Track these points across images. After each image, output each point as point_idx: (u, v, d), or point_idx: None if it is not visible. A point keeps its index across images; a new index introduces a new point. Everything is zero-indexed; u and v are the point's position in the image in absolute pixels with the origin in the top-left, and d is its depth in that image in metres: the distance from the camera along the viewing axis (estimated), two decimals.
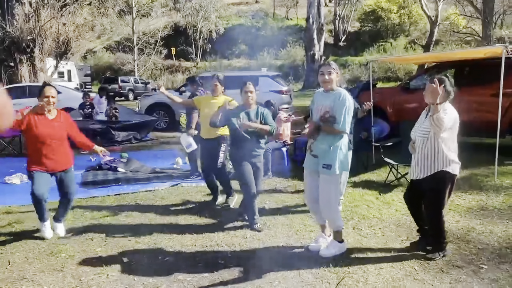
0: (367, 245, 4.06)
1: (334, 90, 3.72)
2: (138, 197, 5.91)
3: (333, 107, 3.63)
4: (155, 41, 36.68)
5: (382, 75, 29.71)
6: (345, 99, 3.61)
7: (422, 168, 3.70)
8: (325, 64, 3.80)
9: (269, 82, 12.34)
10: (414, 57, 16.14)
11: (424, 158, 3.69)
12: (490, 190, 5.85)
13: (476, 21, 27.24)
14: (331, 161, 3.67)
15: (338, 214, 3.85)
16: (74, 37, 19.66)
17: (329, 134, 3.68)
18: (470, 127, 8.15)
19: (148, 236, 4.40)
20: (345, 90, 3.75)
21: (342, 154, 3.71)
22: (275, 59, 37.16)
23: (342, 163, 3.70)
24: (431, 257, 3.71)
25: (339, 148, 3.69)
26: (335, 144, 3.68)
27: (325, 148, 3.70)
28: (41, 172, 4.22)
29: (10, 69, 16.21)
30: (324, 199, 3.74)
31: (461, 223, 4.61)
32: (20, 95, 13.05)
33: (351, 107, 3.66)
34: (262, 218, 4.75)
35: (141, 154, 8.95)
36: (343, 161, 3.72)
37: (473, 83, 8.25)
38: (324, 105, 3.71)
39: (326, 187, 3.72)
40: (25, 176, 6.86)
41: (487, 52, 7.22)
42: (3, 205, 5.56)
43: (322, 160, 3.71)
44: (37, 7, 16.91)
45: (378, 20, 39.56)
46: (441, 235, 3.76)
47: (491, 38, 22.25)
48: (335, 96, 3.65)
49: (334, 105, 3.63)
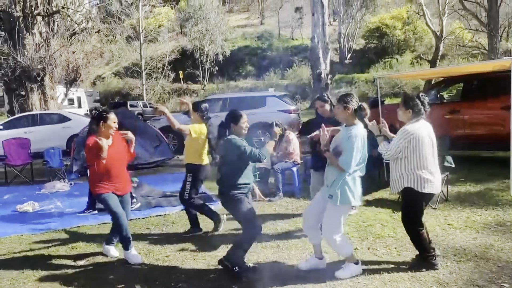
0: (384, 265, 3.97)
1: (348, 125, 3.72)
2: (149, 222, 5.89)
3: (342, 144, 3.66)
4: (163, 65, 37.14)
5: (389, 91, 29.67)
6: (353, 141, 3.55)
7: (393, 184, 3.87)
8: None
9: (277, 102, 12.39)
10: (422, 72, 16.12)
11: (393, 175, 3.85)
12: (506, 205, 5.73)
13: (482, 34, 27.26)
14: (334, 192, 3.66)
15: (340, 243, 3.73)
16: (83, 64, 20.04)
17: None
18: (481, 140, 8.17)
19: (161, 261, 4.36)
20: (360, 127, 3.68)
21: (348, 187, 3.65)
22: (281, 79, 37.38)
23: (343, 195, 3.64)
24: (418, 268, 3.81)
25: (346, 180, 3.64)
26: (342, 176, 3.65)
27: (332, 178, 3.71)
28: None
29: (21, 97, 16.47)
30: (325, 228, 3.75)
31: (479, 240, 4.51)
32: (31, 124, 13.24)
33: (359, 147, 3.59)
34: (275, 241, 4.68)
35: (151, 178, 8.96)
36: (346, 193, 3.64)
37: (482, 96, 8.20)
38: (336, 139, 3.79)
39: (328, 216, 3.72)
40: (37, 204, 6.90)
41: (495, 65, 7.20)
42: (15, 234, 5.56)
43: (329, 189, 3.73)
44: (47, 37, 17.26)
45: (383, 36, 39.76)
46: (425, 250, 3.84)
47: (497, 50, 22.21)
48: (346, 135, 3.65)
49: (342, 143, 3.66)
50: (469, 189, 6.63)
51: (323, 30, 26.40)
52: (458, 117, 8.30)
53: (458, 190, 6.59)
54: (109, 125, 4.28)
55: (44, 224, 5.95)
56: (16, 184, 9.10)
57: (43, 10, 17.29)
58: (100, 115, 4.30)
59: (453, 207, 5.74)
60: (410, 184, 3.71)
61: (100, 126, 4.27)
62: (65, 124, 13.17)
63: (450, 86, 11.30)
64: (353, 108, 3.68)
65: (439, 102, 9.66)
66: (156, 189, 7.58)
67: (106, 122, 4.27)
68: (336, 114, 3.83)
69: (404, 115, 3.80)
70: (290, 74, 37.93)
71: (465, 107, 8.34)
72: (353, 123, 3.71)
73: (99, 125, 4.27)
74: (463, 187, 6.74)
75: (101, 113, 4.33)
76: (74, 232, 5.56)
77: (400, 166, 3.76)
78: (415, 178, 3.70)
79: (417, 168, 3.69)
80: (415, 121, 3.75)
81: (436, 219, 5.28)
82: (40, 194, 7.95)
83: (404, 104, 3.78)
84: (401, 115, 3.81)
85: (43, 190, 8.15)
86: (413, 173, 3.70)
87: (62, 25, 18.79)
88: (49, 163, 9.20)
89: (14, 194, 8.01)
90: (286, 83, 35.50)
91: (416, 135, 3.67)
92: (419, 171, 3.69)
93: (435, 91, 10.02)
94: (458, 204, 5.86)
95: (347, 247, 3.80)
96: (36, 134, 12.39)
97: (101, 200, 4.32)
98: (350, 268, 3.79)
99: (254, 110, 11.52)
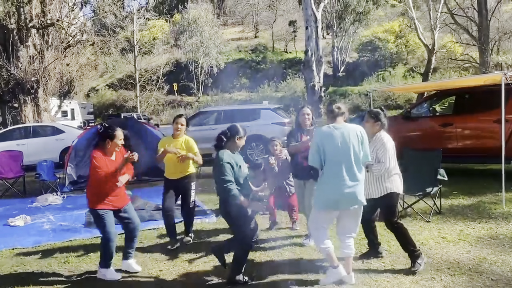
0: (377, 278, 3.97)
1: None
2: (142, 236, 5.83)
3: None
4: (157, 78, 37.23)
5: (382, 104, 29.93)
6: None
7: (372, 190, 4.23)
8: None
9: (271, 115, 12.43)
10: (415, 86, 16.29)
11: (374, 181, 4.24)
12: (499, 218, 5.76)
13: (473, 48, 27.62)
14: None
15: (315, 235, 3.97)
16: (77, 76, 20.05)
17: None
18: (473, 153, 8.23)
19: (154, 275, 4.32)
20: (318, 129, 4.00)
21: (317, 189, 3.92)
22: (275, 92, 37.56)
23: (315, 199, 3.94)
24: (415, 270, 4.03)
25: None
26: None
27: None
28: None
29: (14, 110, 16.43)
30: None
31: (472, 253, 4.52)
32: (23, 136, 13.16)
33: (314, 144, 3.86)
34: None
35: (144, 191, 8.91)
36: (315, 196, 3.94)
37: (474, 110, 8.28)
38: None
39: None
40: (28, 218, 6.83)
41: (487, 79, 7.29)
42: (6, 248, 5.49)
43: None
44: (41, 49, 17.28)
45: (376, 50, 40.20)
46: (413, 245, 4.18)
47: (488, 64, 22.50)
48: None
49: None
50: (462, 202, 6.66)
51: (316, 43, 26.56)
52: (450, 130, 8.37)
53: (451, 203, 6.61)
54: (115, 143, 4.21)
55: (36, 238, 5.88)
56: (8, 197, 9.00)
57: (37, 23, 17.35)
58: (107, 133, 4.19)
59: (446, 220, 5.76)
60: (393, 188, 4.17)
61: (106, 143, 4.19)
62: (58, 136, 13.10)
63: (442, 99, 11.42)
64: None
65: (431, 115, 9.76)
66: (149, 202, 7.53)
67: (113, 140, 4.20)
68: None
69: (372, 128, 4.22)
70: (284, 86, 38.15)
71: (457, 120, 8.41)
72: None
73: (106, 142, 4.19)
74: (456, 200, 6.77)
75: (107, 131, 4.21)
76: (67, 247, 5.50)
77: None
78: (395, 181, 4.19)
79: (394, 171, 4.17)
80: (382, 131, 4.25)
81: (430, 232, 5.29)
82: (32, 207, 7.87)
83: (373, 118, 4.22)
84: (369, 128, 4.20)
85: (35, 203, 8.07)
86: (393, 177, 4.18)
87: (56, 37, 18.86)
88: (42, 176, 9.12)
89: (6, 207, 7.91)
90: (280, 96, 35.67)
91: (392, 142, 4.19)
92: (396, 175, 4.20)
93: (427, 104, 10.12)
94: (451, 217, 5.88)
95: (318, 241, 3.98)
96: (29, 147, 12.31)
97: (96, 215, 4.23)
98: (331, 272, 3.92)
99: (248, 122, 11.55)
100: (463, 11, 25.70)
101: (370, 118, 4.21)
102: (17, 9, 16.75)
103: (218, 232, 5.72)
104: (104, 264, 4.31)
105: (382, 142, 4.11)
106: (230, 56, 45.95)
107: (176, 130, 5.25)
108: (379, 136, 4.17)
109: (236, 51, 48.37)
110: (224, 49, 44.05)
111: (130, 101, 37.93)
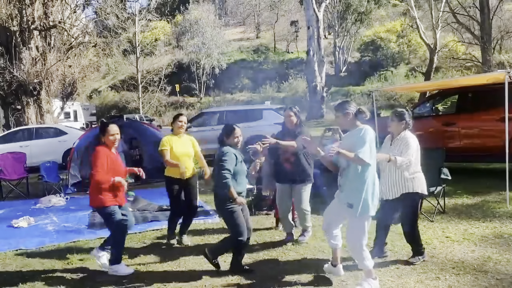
0: (382, 278, 3.95)
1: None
2: (145, 236, 5.84)
3: (354, 142, 3.75)
4: (159, 79, 37.26)
5: (384, 103, 29.86)
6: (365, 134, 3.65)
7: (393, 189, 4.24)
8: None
9: (273, 115, 12.41)
10: (417, 85, 16.26)
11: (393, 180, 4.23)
12: (503, 216, 5.74)
13: (475, 47, 27.56)
14: (354, 201, 3.61)
15: (363, 255, 3.66)
16: (80, 78, 20.07)
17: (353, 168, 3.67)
18: (476, 152, 8.20)
19: (157, 275, 4.33)
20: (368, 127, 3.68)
21: (367, 196, 3.59)
22: (277, 92, 37.56)
23: (363, 207, 3.58)
24: (413, 262, 4.23)
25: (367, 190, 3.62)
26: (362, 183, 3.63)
27: (350, 186, 3.70)
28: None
29: (17, 111, 16.47)
30: (348, 237, 3.74)
31: (477, 253, 4.50)
32: (26, 138, 13.19)
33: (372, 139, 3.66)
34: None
35: (147, 192, 8.90)
36: (367, 203, 3.59)
37: (477, 108, 8.25)
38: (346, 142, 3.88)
39: (351, 225, 3.71)
40: (32, 219, 6.83)
41: (490, 78, 7.27)
42: (10, 249, 5.50)
43: (347, 197, 3.70)
44: (44, 51, 17.33)
45: (378, 49, 40.12)
46: (419, 244, 4.34)
47: (491, 63, 22.45)
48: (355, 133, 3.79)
49: (354, 141, 3.73)
50: (466, 201, 6.64)
51: (318, 43, 26.63)
52: (453, 129, 8.34)
53: (455, 202, 6.59)
54: (108, 138, 4.35)
55: (39, 239, 5.88)
56: (11, 198, 9.03)
57: (40, 25, 17.38)
58: (101, 128, 4.45)
59: (450, 220, 5.74)
60: (416, 187, 4.18)
61: (100, 138, 4.37)
62: (61, 138, 13.12)
63: (445, 98, 11.38)
64: (352, 112, 3.68)
65: (434, 114, 9.73)
66: (152, 203, 7.53)
67: (105, 135, 4.35)
68: (339, 124, 3.83)
69: (397, 127, 4.23)
70: (286, 87, 38.14)
71: (460, 119, 8.39)
72: (359, 126, 3.69)
73: (100, 137, 4.38)
74: (460, 199, 6.75)
75: (102, 126, 4.49)
76: (70, 248, 5.50)
77: (401, 171, 4.15)
78: (418, 179, 4.20)
79: (418, 170, 4.19)
80: (407, 131, 4.25)
81: (434, 231, 5.28)
82: (36, 208, 7.88)
83: (398, 118, 4.23)
84: (394, 127, 4.25)
85: (39, 204, 8.09)
86: (416, 176, 4.19)
87: (58, 39, 18.90)
88: (45, 177, 9.14)
89: (10, 209, 7.93)
90: (282, 96, 35.67)
91: (417, 142, 4.20)
92: (419, 173, 4.20)
93: (430, 103, 10.09)
94: (456, 217, 5.86)
95: (369, 260, 3.68)
96: (32, 148, 12.35)
97: (107, 212, 4.31)
98: (367, 282, 3.66)
99: (251, 123, 11.55)
100: (465, 10, 25.67)
101: (395, 118, 4.23)
102: (20, 11, 16.80)
103: (221, 232, 5.71)
104: (115, 260, 4.41)
105: (407, 142, 4.12)
106: (232, 56, 45.98)
107: (179, 128, 5.29)
108: (404, 135, 4.19)
109: (238, 51, 48.39)
110: (226, 49, 44.10)
111: (133, 102, 37.95)
